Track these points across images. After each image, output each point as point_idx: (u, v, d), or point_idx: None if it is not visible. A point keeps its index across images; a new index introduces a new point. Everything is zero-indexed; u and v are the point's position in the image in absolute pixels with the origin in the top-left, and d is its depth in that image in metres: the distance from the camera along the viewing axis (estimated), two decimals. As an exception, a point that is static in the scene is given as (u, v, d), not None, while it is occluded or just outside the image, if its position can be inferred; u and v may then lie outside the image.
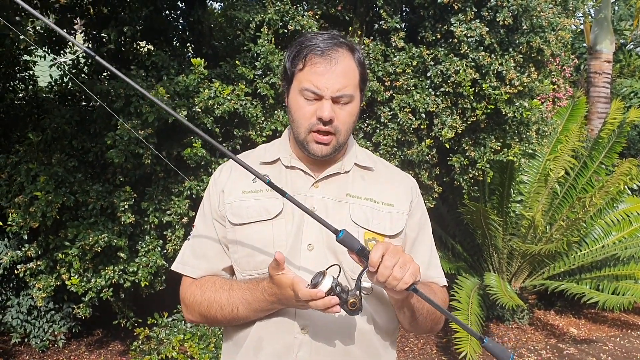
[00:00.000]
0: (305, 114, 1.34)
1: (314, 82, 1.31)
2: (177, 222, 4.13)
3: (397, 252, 1.17)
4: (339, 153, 1.44)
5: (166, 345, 4.05)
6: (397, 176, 1.52)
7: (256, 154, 1.50)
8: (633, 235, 6.09)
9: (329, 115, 1.30)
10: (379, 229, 1.37)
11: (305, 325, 1.31)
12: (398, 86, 4.37)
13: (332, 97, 1.31)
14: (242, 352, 1.38)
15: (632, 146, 10.15)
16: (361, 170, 1.46)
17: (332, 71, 1.31)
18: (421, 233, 1.49)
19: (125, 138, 3.78)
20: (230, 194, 1.41)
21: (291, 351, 1.31)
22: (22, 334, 4.72)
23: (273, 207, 1.36)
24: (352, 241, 1.19)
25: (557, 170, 5.83)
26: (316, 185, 1.40)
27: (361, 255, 1.19)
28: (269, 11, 4.33)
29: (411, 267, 1.17)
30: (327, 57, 1.31)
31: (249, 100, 4.13)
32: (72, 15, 4.83)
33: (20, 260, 4.30)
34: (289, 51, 1.38)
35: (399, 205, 1.42)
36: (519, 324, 5.90)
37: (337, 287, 1.19)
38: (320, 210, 1.36)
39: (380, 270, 1.15)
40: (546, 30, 4.43)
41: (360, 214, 1.37)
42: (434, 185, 4.71)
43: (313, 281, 1.19)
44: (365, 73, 1.40)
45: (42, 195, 3.82)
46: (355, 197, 1.40)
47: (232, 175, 1.45)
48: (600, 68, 9.36)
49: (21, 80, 4.97)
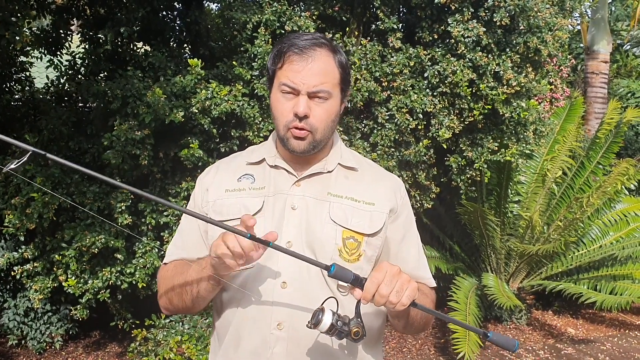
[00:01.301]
0: (283, 111, 1.36)
1: (290, 78, 1.33)
2: (174, 223, 4.12)
3: (393, 276, 1.17)
4: (322, 152, 1.45)
5: (164, 347, 4.04)
6: (381, 176, 1.52)
7: (244, 155, 1.53)
8: (630, 235, 6.10)
9: (304, 110, 1.32)
10: (358, 228, 1.38)
11: (281, 321, 1.32)
12: (395, 87, 4.37)
13: (308, 92, 1.33)
14: (223, 348, 1.41)
15: (629, 146, 10.18)
16: (345, 170, 1.47)
17: (309, 68, 1.33)
18: (408, 234, 1.50)
19: (122, 139, 3.77)
20: (213, 192, 1.44)
21: (267, 347, 1.32)
22: (19, 336, 4.71)
23: (252, 204, 1.38)
24: (345, 273, 1.19)
25: (554, 171, 5.84)
26: (298, 184, 1.42)
27: (356, 285, 1.19)
28: (266, 12, 4.32)
29: (408, 290, 1.17)
30: (304, 55, 1.34)
31: (246, 101, 4.13)
32: (68, 16, 4.82)
33: (17, 261, 4.28)
34: (272, 51, 1.41)
35: (380, 204, 1.43)
36: (516, 324, 5.90)
37: (338, 322, 1.18)
38: (301, 208, 1.38)
39: (376, 298, 1.17)
40: (543, 30, 4.43)
41: (340, 212, 1.38)
42: (431, 186, 4.71)
43: (313, 320, 1.19)
44: (346, 75, 1.41)
45: (39, 197, 3.81)
46: (336, 196, 1.41)
47: (217, 175, 1.48)
48: (598, 68, 9.38)
49: (17, 81, 4.95)
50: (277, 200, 1.39)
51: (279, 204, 1.38)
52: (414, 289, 1.18)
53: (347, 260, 1.35)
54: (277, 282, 1.33)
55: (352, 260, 1.36)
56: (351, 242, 1.36)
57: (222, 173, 1.48)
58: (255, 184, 1.42)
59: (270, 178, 1.43)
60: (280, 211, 1.37)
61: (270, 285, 1.33)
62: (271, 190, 1.40)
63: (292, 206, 1.38)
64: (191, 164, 4.05)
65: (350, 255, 1.36)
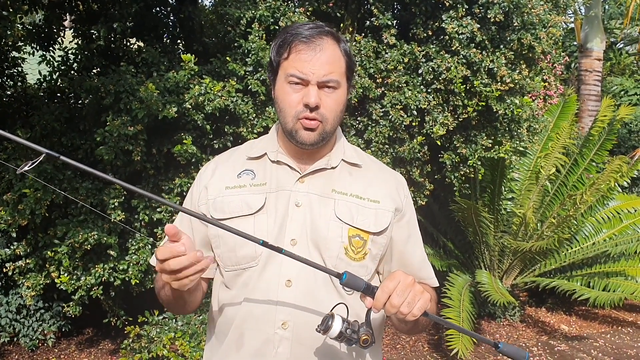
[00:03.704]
0: (291, 102, 1.32)
1: (299, 68, 1.30)
2: (168, 219, 4.10)
3: (406, 287, 1.15)
4: (325, 147, 1.42)
5: (157, 344, 4.02)
6: (385, 173, 1.50)
7: (243, 149, 1.50)
8: (623, 233, 6.13)
9: (315, 101, 1.29)
10: (363, 226, 1.35)
11: (285, 321, 1.30)
12: (390, 83, 4.36)
13: (318, 82, 1.30)
14: (224, 348, 1.37)
15: (623, 144, 10.22)
16: (349, 167, 1.44)
17: (318, 57, 1.30)
18: (412, 234, 1.48)
19: (114, 135, 3.75)
20: (213, 190, 1.40)
21: (271, 347, 1.30)
22: (11, 333, 4.68)
23: (254, 201, 1.35)
24: (357, 281, 1.16)
25: (548, 168, 5.85)
26: (302, 181, 1.38)
27: (367, 294, 1.17)
28: (259, 7, 4.31)
29: (420, 301, 1.15)
30: (311, 44, 1.30)
31: (239, 97, 4.11)
32: (61, 12, 4.79)
33: (9, 258, 4.26)
34: (274, 42, 1.38)
35: (385, 202, 1.40)
36: (510, 321, 5.92)
37: (348, 330, 1.17)
38: (305, 205, 1.35)
39: (387, 307, 1.14)
40: (537, 27, 4.44)
41: (345, 210, 1.36)
42: (425, 183, 4.71)
43: (322, 326, 1.17)
44: (351, 64, 1.38)
45: (31, 193, 3.79)
46: (340, 193, 1.38)
47: (216, 172, 1.44)
48: (591, 66, 9.43)
49: (9, 76, 4.91)
50: (279, 196, 1.35)
51: (282, 201, 1.35)
52: (426, 301, 1.16)
53: (353, 258, 1.33)
54: (281, 280, 1.30)
55: (358, 259, 1.34)
56: (357, 240, 1.34)
57: (221, 169, 1.44)
58: (256, 179, 1.39)
59: (272, 174, 1.40)
60: (284, 208, 1.33)
61: (274, 284, 1.30)
62: (273, 186, 1.37)
63: (296, 203, 1.34)
64: (184, 160, 4.03)
65: (356, 254, 1.34)
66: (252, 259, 1.32)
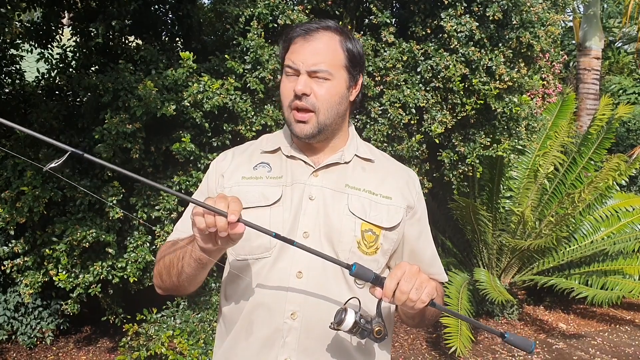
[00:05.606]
0: (285, 92, 1.36)
1: (292, 59, 1.34)
2: (166, 217, 4.10)
3: (412, 275, 1.17)
4: (339, 142, 1.45)
5: (155, 342, 4.02)
6: (397, 169, 1.52)
7: (258, 144, 1.52)
8: (622, 231, 6.14)
9: (302, 88, 1.31)
10: (376, 221, 1.37)
11: (295, 311, 1.31)
12: (388, 81, 4.36)
13: (307, 71, 1.33)
14: (232, 335, 1.38)
15: (621, 142, 10.23)
16: (362, 162, 1.47)
17: (307, 46, 1.33)
18: (423, 231, 1.51)
19: (113, 132, 3.74)
20: (230, 178, 1.42)
21: (280, 336, 1.31)
22: (10, 331, 4.67)
23: (271, 193, 1.37)
24: (366, 272, 1.19)
25: (546, 166, 5.86)
26: (315, 174, 1.41)
27: (376, 284, 1.19)
28: (258, 5, 4.30)
29: (427, 288, 1.18)
30: (307, 37, 1.35)
31: (238, 95, 4.11)
32: (59, 9, 4.78)
33: (7, 256, 4.25)
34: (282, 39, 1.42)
35: (397, 198, 1.42)
36: (508, 319, 5.92)
37: (362, 320, 1.19)
38: (318, 199, 1.37)
39: (397, 295, 1.16)
40: (536, 25, 4.44)
41: (358, 205, 1.37)
42: (423, 181, 4.72)
43: (336, 319, 1.19)
44: (354, 58, 1.39)
45: (29, 190, 3.78)
46: (353, 188, 1.40)
47: (233, 161, 1.47)
48: (590, 65, 9.43)
49: (8, 74, 4.89)
50: (294, 190, 1.38)
51: (297, 194, 1.37)
52: (432, 288, 1.19)
53: (365, 252, 1.35)
54: (292, 271, 1.32)
55: (370, 253, 1.36)
56: (369, 235, 1.36)
57: (237, 159, 1.46)
58: (272, 172, 1.41)
59: (287, 167, 1.42)
60: (298, 201, 1.36)
61: (286, 275, 1.32)
62: (288, 179, 1.39)
63: (310, 196, 1.37)
64: (183, 158, 4.03)
65: (368, 248, 1.36)
66: (266, 249, 1.34)
